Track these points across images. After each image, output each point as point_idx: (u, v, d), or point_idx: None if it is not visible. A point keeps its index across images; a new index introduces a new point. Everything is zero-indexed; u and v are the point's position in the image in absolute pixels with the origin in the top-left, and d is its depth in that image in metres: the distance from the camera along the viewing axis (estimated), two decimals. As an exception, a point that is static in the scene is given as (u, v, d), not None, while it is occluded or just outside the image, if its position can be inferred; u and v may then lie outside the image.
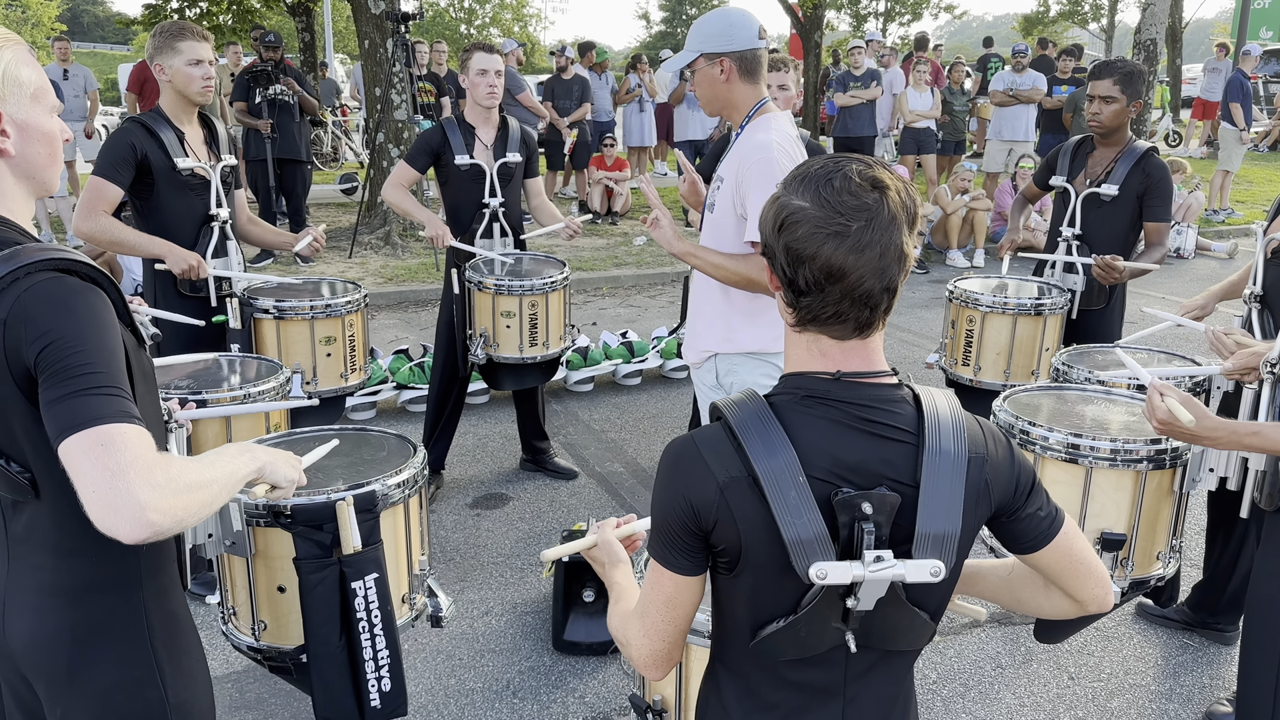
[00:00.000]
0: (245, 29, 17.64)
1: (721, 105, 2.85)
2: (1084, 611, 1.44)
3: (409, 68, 9.22)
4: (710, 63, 2.77)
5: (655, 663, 1.40)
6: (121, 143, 3.48)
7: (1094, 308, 4.09)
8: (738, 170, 2.75)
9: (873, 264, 1.23)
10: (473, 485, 4.76)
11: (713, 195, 2.89)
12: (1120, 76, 3.90)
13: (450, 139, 4.25)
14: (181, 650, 1.62)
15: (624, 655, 1.43)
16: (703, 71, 2.80)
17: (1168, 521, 2.56)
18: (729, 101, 2.83)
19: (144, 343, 1.54)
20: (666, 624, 1.36)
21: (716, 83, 2.79)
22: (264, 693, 3.16)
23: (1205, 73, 16.49)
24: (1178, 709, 3.15)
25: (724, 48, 2.75)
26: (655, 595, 1.35)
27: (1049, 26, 32.57)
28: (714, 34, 2.76)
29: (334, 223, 10.64)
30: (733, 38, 2.75)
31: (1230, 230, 11.25)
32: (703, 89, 2.83)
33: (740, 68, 2.77)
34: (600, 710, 3.12)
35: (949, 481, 1.26)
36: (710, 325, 2.94)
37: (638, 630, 1.39)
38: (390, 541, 2.04)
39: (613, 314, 7.99)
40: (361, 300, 3.98)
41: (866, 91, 10.74)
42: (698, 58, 2.77)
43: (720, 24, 2.76)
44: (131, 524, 1.25)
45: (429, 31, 32.72)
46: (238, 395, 3.00)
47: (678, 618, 1.36)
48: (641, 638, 1.38)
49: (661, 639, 1.37)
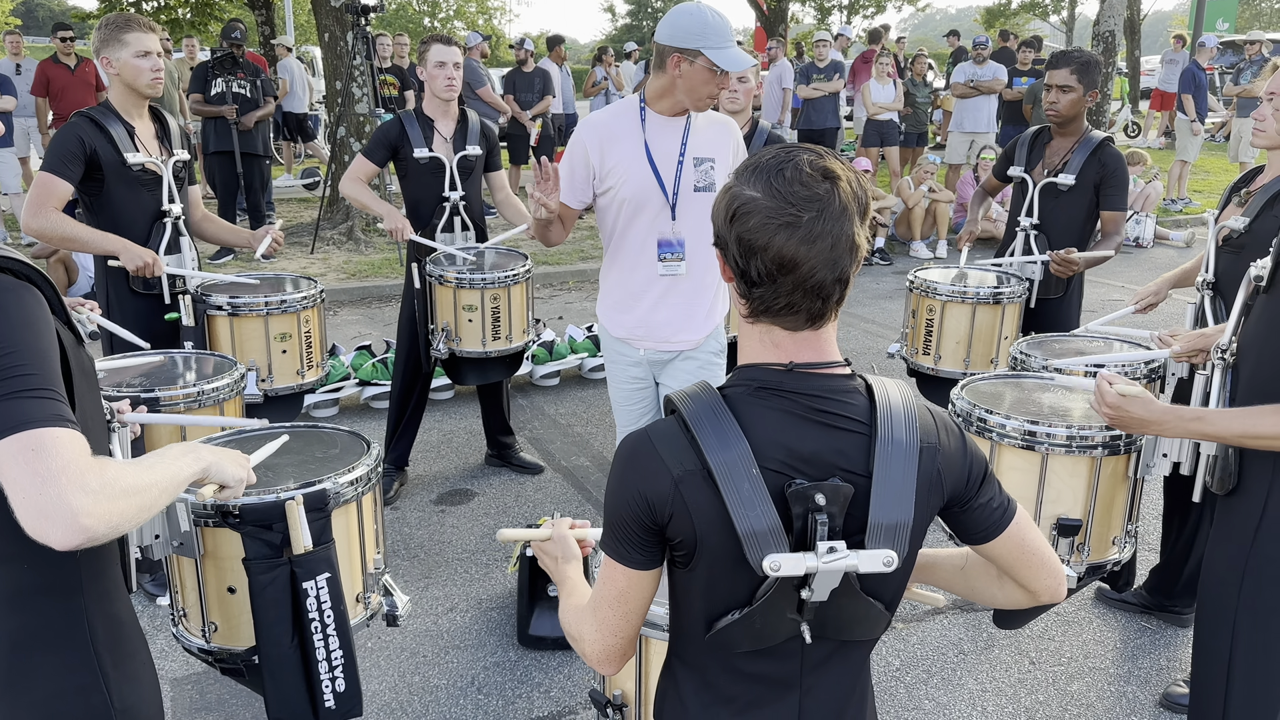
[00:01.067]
0: (204, 22, 17.41)
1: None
2: (1037, 602, 1.45)
3: (370, 60, 9.13)
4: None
5: (608, 658, 1.39)
6: (70, 137, 3.40)
7: (1052, 296, 4.12)
8: (735, 148, 2.95)
9: (824, 255, 1.22)
10: (437, 481, 4.72)
11: (708, 177, 2.91)
12: (1077, 66, 3.94)
13: (409, 132, 4.20)
14: (126, 654, 1.58)
15: (577, 650, 1.42)
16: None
17: (1123, 507, 2.58)
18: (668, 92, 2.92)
19: (82, 340, 1.50)
20: (619, 619, 1.35)
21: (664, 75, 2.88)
22: (225, 694, 3.11)
23: (1163, 64, 16.73)
24: (1136, 690, 3.19)
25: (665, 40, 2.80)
26: (608, 590, 1.34)
27: (1010, 19, 32.90)
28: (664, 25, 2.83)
29: (295, 218, 10.53)
30: (672, 34, 2.79)
31: (1188, 219, 11.42)
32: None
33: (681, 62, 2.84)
34: (565, 704, 3.11)
35: (901, 471, 1.26)
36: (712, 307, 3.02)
37: (590, 626, 1.38)
38: (343, 540, 2.01)
39: (579, 308, 7.97)
40: (318, 296, 3.93)
41: (829, 84, 10.78)
42: None
43: (668, 20, 2.81)
44: (63, 530, 1.22)
45: (392, 24, 32.43)
46: (191, 393, 2.95)
47: (630, 613, 1.35)
48: (594, 633, 1.37)
49: (614, 634, 1.36)
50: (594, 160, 2.88)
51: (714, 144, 2.93)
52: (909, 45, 18.32)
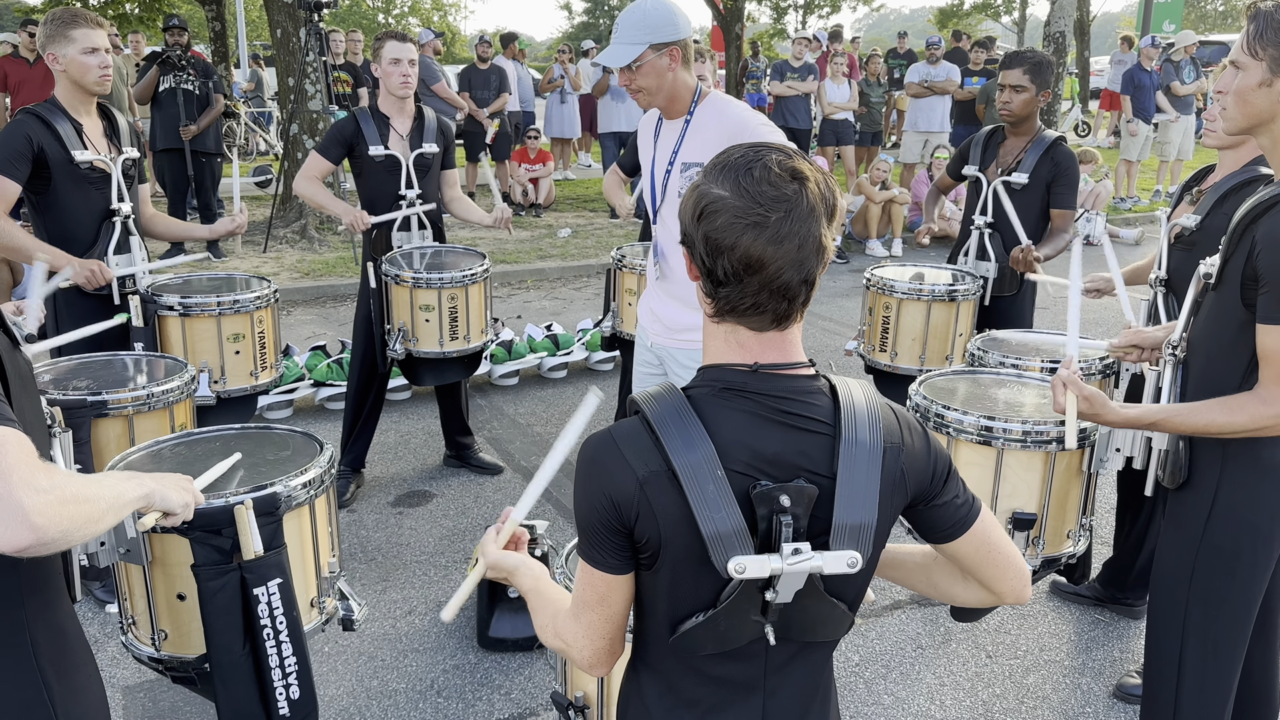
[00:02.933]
0: (153, 17, 17.07)
1: (667, 96, 2.83)
2: (1001, 602, 1.45)
3: (323, 57, 9.00)
4: (658, 53, 2.74)
5: (599, 660, 1.38)
6: (16, 135, 3.31)
7: (1006, 294, 4.18)
8: None
9: (791, 256, 1.21)
10: (394, 483, 4.67)
11: None
12: (1029, 66, 3.99)
13: (364, 129, 4.15)
14: (71, 666, 1.54)
15: (566, 659, 1.39)
16: (651, 63, 2.74)
17: (1077, 501, 2.62)
18: (674, 91, 2.82)
19: (18, 343, 1.45)
20: (604, 621, 1.34)
21: (664, 73, 2.77)
22: (178, 700, 3.05)
23: (1112, 65, 17.03)
24: (1090, 682, 3.24)
25: (672, 36, 2.73)
26: (588, 595, 1.33)
27: (963, 19, 33.33)
28: (661, 24, 2.72)
29: (249, 216, 10.35)
30: (678, 26, 2.75)
31: (1137, 217, 11.64)
32: (650, 80, 2.77)
33: (684, 55, 2.78)
34: (526, 706, 3.08)
35: (865, 472, 1.26)
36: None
37: (577, 632, 1.36)
38: (296, 544, 1.97)
39: (537, 306, 7.93)
40: (271, 295, 3.86)
41: (803, 84, 10.81)
42: (646, 49, 2.72)
43: (665, 13, 2.73)
44: (15, 530, 1.18)
45: (345, 20, 32.06)
46: (140, 395, 2.88)
47: (614, 615, 1.34)
48: (582, 639, 1.35)
49: (602, 636, 1.35)
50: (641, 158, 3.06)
51: (710, 145, 2.81)
52: (863, 45, 18.48)
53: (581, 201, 12.19)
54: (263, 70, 17.66)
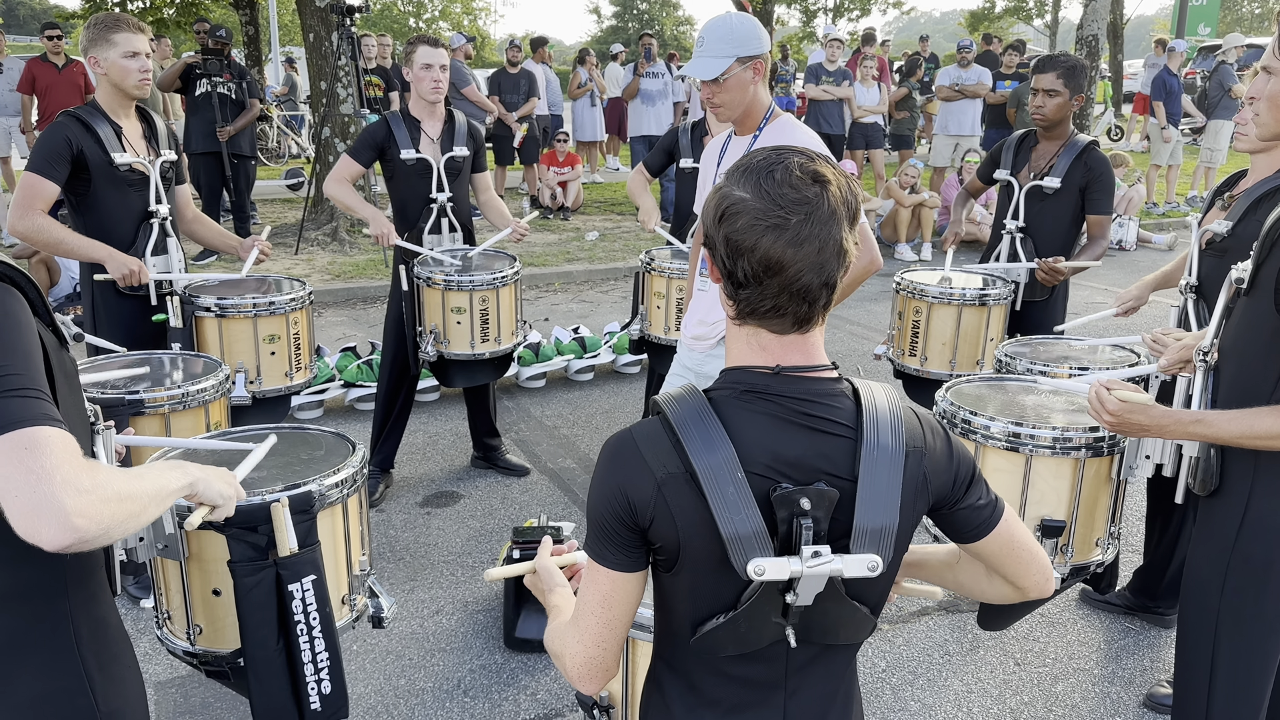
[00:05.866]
0: (189, 22, 17.29)
1: (744, 110, 2.81)
2: (1025, 597, 1.46)
3: (355, 61, 9.10)
4: (744, 66, 2.72)
5: (589, 671, 1.35)
6: (56, 137, 3.38)
7: (1037, 299, 4.15)
8: None
9: (811, 258, 1.22)
10: (423, 483, 4.71)
11: None
12: (1063, 70, 3.96)
13: (395, 133, 4.19)
14: (111, 657, 1.57)
15: (559, 668, 1.40)
16: (736, 76, 2.73)
17: (1106, 508, 2.60)
18: (751, 106, 2.81)
19: (65, 342, 1.49)
20: (602, 626, 1.33)
21: (747, 86, 2.76)
22: (209, 697, 3.10)
23: (1145, 68, 16.85)
24: (1120, 691, 3.21)
25: (757, 50, 2.73)
26: (591, 594, 1.33)
27: (994, 22, 33.06)
28: (747, 36, 2.72)
29: (280, 219, 10.48)
30: (761, 40, 2.74)
31: (1170, 223, 11.50)
32: (733, 93, 2.75)
33: (764, 70, 2.78)
34: (553, 707, 3.10)
35: (886, 476, 1.26)
36: None
37: (572, 637, 1.35)
38: (329, 542, 2.00)
39: (565, 309, 7.96)
40: (306, 297, 3.91)
41: (839, 89, 10.76)
42: (733, 62, 2.71)
43: (750, 25, 2.73)
44: (56, 530, 1.21)
45: (377, 25, 32.32)
46: (176, 395, 2.94)
47: (614, 620, 1.32)
48: (575, 644, 1.34)
49: (596, 644, 1.33)
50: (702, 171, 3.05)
51: None
52: (893, 49, 18.41)
53: (609, 205, 12.22)
54: (295, 74, 17.85)
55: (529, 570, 1.61)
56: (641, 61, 11.92)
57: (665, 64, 12.40)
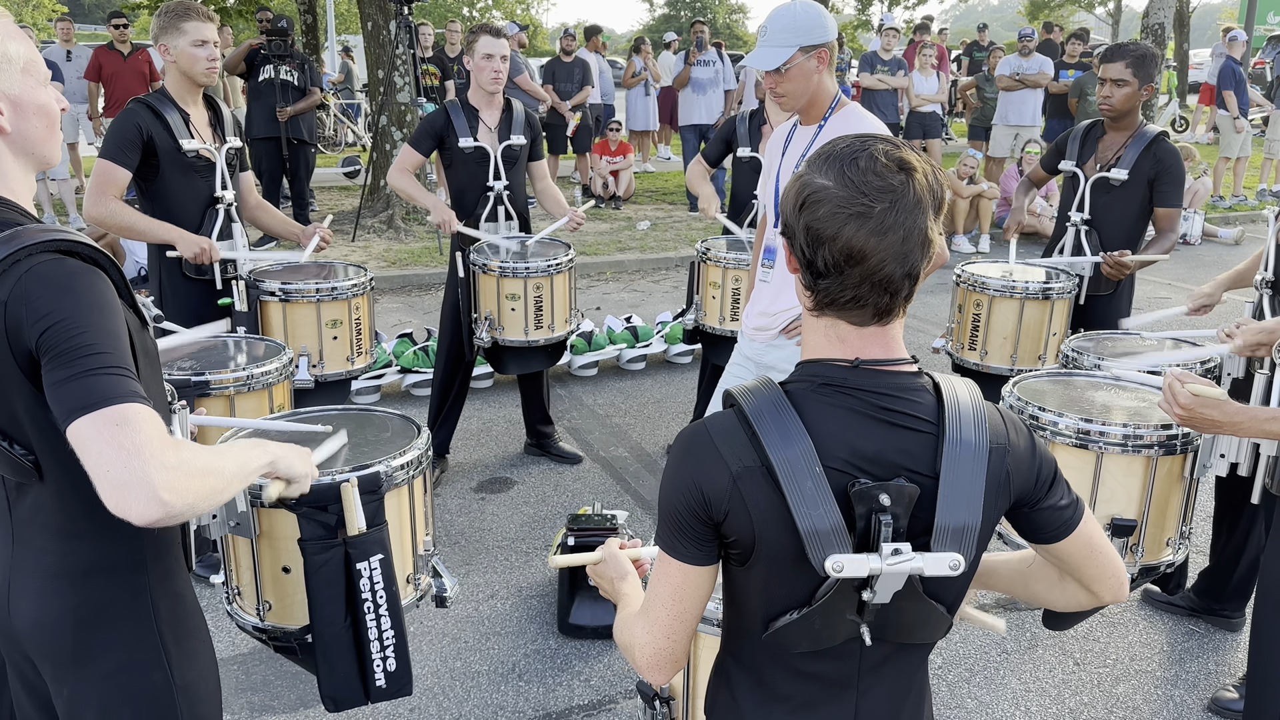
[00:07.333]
0: (250, 11, 17.56)
1: (808, 100, 2.78)
2: (1099, 603, 1.43)
3: (413, 50, 9.18)
4: (807, 55, 2.69)
5: (659, 663, 1.34)
6: (127, 124, 3.45)
7: (1102, 293, 4.06)
8: None
9: (895, 248, 1.19)
10: (477, 469, 4.75)
11: None
12: (1132, 59, 3.86)
13: (454, 122, 4.22)
14: (187, 632, 1.61)
15: (628, 659, 1.39)
16: (799, 65, 2.69)
17: (1178, 507, 2.54)
18: (816, 95, 2.77)
19: (147, 324, 1.53)
20: (672, 618, 1.32)
21: (811, 75, 2.72)
22: (270, 675, 3.16)
23: (1213, 58, 16.38)
24: (1183, 695, 3.14)
25: (821, 39, 2.69)
26: (662, 587, 1.32)
27: (1055, 10, 32.34)
28: (812, 25, 2.68)
29: (337, 206, 10.61)
30: (827, 27, 2.70)
31: (1236, 216, 11.19)
32: (797, 83, 2.72)
33: (831, 58, 2.74)
34: (605, 693, 3.12)
35: (969, 472, 1.23)
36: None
37: (642, 628, 1.34)
38: (395, 523, 2.03)
39: (617, 299, 7.97)
40: (367, 283, 3.96)
41: (894, 79, 10.62)
42: (795, 52, 2.67)
43: (815, 14, 2.69)
44: (145, 504, 1.24)
45: (431, 13, 32.56)
46: (240, 377, 2.99)
47: (684, 612, 1.32)
48: (645, 635, 1.33)
49: (666, 635, 1.32)
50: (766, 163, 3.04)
51: None
52: (950, 37, 18.11)
53: (661, 194, 12.20)
54: (351, 62, 18.05)
55: (595, 560, 1.61)
56: (693, 50, 11.86)
57: (716, 51, 12.33)
